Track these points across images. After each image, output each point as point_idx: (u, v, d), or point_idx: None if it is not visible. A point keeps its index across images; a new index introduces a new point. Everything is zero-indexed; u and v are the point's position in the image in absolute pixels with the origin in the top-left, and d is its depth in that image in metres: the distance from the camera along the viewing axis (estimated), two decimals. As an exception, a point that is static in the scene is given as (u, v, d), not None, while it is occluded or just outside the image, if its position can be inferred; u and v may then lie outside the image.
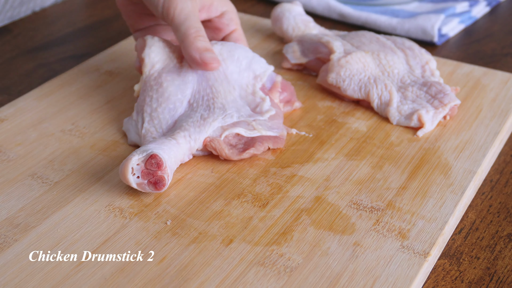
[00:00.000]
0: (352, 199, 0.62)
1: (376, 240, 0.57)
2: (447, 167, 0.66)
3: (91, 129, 0.72)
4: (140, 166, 0.60)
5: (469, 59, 0.90)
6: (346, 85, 0.76)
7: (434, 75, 0.78)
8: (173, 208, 0.61)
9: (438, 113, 0.72)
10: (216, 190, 0.63)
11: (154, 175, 0.60)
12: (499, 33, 0.97)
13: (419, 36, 0.93)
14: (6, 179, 0.64)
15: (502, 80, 0.81)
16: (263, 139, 0.67)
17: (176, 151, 0.63)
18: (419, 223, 0.59)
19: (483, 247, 0.60)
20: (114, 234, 0.58)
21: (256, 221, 0.59)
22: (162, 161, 0.60)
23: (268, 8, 1.03)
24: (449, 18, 0.97)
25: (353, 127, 0.72)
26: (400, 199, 0.62)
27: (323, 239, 0.57)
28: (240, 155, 0.66)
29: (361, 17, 0.98)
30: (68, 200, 0.62)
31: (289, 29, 0.87)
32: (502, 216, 0.63)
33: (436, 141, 0.70)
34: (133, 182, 0.60)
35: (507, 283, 0.56)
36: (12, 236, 0.58)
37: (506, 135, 0.74)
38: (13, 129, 0.72)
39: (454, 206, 0.61)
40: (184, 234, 0.58)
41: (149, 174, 0.60)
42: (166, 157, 0.61)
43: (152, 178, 0.60)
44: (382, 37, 0.83)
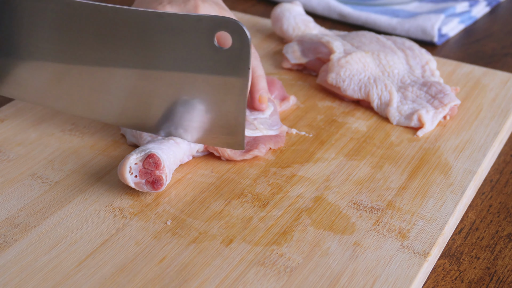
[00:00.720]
0: (352, 199, 0.62)
1: (376, 240, 0.57)
2: (447, 167, 0.66)
3: (91, 129, 0.72)
4: (138, 165, 0.60)
5: (469, 59, 0.90)
6: (346, 85, 0.76)
7: (434, 75, 0.78)
8: (173, 208, 0.61)
9: (438, 113, 0.72)
10: (216, 190, 0.63)
11: (152, 175, 0.60)
12: (499, 33, 0.97)
13: (419, 36, 0.93)
14: (6, 179, 0.64)
15: (502, 80, 0.81)
16: (265, 140, 0.67)
17: (175, 151, 0.63)
18: (419, 223, 0.59)
19: (483, 247, 0.60)
20: (114, 234, 0.58)
21: (256, 221, 0.59)
22: (160, 161, 0.60)
23: (268, 8, 1.03)
24: (449, 18, 0.97)
25: (353, 127, 0.72)
26: (400, 199, 0.62)
27: (323, 239, 0.57)
28: (243, 156, 0.66)
29: (361, 17, 0.98)
30: (68, 200, 0.62)
31: (289, 29, 0.87)
32: (502, 216, 0.63)
33: (436, 141, 0.70)
34: (131, 181, 0.60)
35: (507, 283, 0.56)
36: (12, 236, 0.58)
37: (506, 135, 0.74)
38: (13, 129, 0.72)
39: (454, 206, 0.61)
40: (184, 234, 0.58)
41: (147, 174, 0.60)
42: (165, 157, 0.61)
43: (150, 178, 0.60)
44: (382, 37, 0.83)
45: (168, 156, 0.62)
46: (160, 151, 0.61)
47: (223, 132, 0.63)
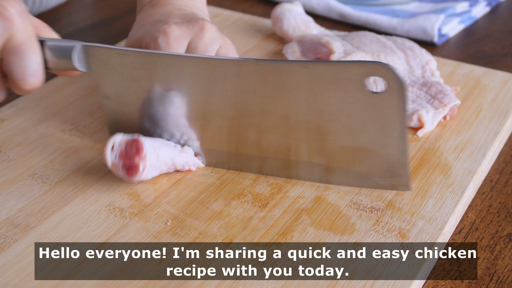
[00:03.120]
0: (352, 199, 0.62)
1: (376, 240, 0.57)
2: (447, 167, 0.66)
3: (91, 129, 0.72)
4: (121, 146, 0.60)
5: (469, 59, 0.90)
6: (346, 85, 0.75)
7: (434, 75, 0.78)
8: (173, 208, 0.61)
9: (438, 113, 0.72)
10: (216, 190, 0.63)
11: (130, 160, 0.60)
12: (499, 33, 0.97)
13: (419, 36, 0.93)
14: (6, 179, 0.65)
15: (502, 80, 0.81)
16: None
17: (165, 149, 0.63)
18: (419, 223, 0.59)
19: (483, 247, 0.60)
20: (114, 234, 0.58)
21: (256, 221, 0.59)
22: (142, 148, 0.60)
23: (268, 8, 1.03)
24: (449, 18, 0.97)
25: (353, 127, 0.72)
26: (400, 199, 0.62)
27: (323, 239, 0.57)
28: None
29: (361, 17, 0.98)
30: (68, 200, 0.62)
31: (289, 29, 0.87)
32: (502, 216, 0.63)
33: (436, 141, 0.70)
34: (109, 160, 0.60)
35: (507, 283, 0.56)
36: (12, 236, 0.58)
37: (506, 135, 0.74)
38: (13, 129, 0.72)
39: (454, 206, 0.61)
40: (184, 234, 0.58)
41: (126, 157, 0.60)
42: (150, 149, 0.61)
43: (127, 162, 0.60)
44: (383, 37, 0.83)
45: (154, 149, 0.61)
46: (148, 141, 0.61)
47: (387, 175, 0.62)
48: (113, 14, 1.03)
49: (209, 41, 0.65)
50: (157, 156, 0.62)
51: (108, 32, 0.98)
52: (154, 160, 0.62)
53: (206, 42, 0.65)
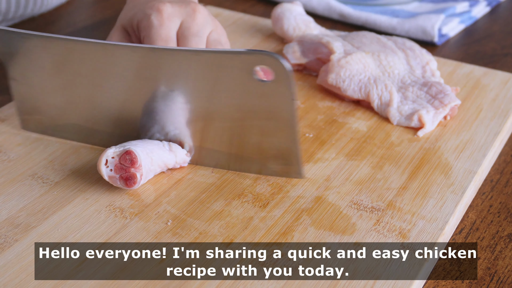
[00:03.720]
0: (352, 199, 0.62)
1: (377, 240, 0.57)
2: (447, 167, 0.66)
3: (91, 129, 0.72)
4: (115, 159, 0.60)
5: (469, 59, 0.90)
6: (346, 86, 0.76)
7: (435, 75, 0.78)
8: (173, 208, 0.61)
9: (439, 113, 0.72)
10: (217, 190, 0.63)
11: (126, 171, 0.60)
12: (499, 33, 0.97)
13: (419, 36, 0.93)
14: (7, 179, 0.64)
15: (502, 80, 0.81)
16: None
17: (158, 153, 0.63)
18: (419, 223, 0.59)
19: (484, 247, 0.60)
20: (115, 234, 0.58)
21: (256, 221, 0.59)
22: (136, 159, 0.60)
23: (268, 8, 1.03)
24: (449, 18, 0.97)
25: (353, 127, 0.72)
26: (400, 199, 0.62)
27: (323, 239, 0.57)
28: None
29: (361, 17, 0.98)
30: (68, 200, 0.62)
31: (289, 29, 0.87)
32: (502, 216, 0.63)
33: (437, 141, 0.70)
34: (105, 174, 0.60)
35: (507, 283, 0.56)
36: (13, 236, 0.58)
37: (506, 135, 0.74)
38: (13, 129, 0.72)
39: (455, 206, 0.61)
40: (184, 234, 0.58)
41: (122, 169, 0.60)
42: (143, 156, 0.61)
43: (124, 174, 0.60)
44: (383, 37, 0.83)
45: (147, 156, 0.62)
46: (140, 150, 0.61)
47: (280, 163, 0.64)
48: (113, 14, 1.03)
49: (201, 23, 0.66)
50: (151, 160, 0.62)
51: (108, 32, 0.97)
52: (149, 165, 0.62)
53: (198, 23, 0.66)
